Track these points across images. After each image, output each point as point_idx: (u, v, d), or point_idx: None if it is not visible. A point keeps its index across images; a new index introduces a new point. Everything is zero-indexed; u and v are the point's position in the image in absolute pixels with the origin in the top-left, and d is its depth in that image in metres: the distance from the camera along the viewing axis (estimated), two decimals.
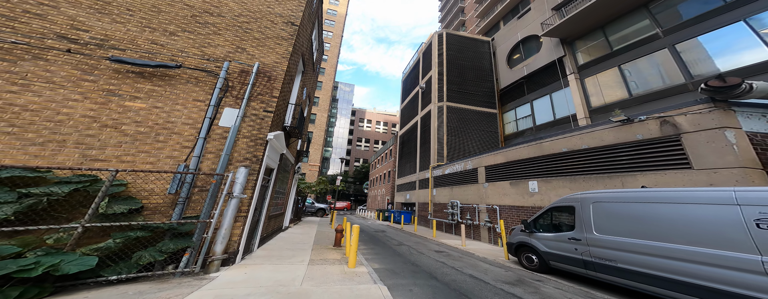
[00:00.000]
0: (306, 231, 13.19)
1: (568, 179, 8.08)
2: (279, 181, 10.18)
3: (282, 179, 10.74)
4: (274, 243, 8.82)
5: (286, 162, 10.72)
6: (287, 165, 11.43)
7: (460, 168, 15.77)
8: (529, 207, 9.54)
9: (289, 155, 10.85)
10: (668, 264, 3.86)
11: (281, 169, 10.03)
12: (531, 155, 9.80)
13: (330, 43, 46.90)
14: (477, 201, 13.09)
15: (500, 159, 11.67)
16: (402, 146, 30.15)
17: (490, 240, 11.57)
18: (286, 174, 11.72)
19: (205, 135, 5.51)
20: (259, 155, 6.36)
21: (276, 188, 9.50)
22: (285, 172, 11.36)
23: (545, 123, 16.21)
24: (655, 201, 4.21)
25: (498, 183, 11.58)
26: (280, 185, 10.45)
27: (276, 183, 9.04)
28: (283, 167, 10.54)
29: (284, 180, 11.34)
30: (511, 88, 20.65)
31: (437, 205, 18.16)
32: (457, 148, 20.00)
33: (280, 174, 9.96)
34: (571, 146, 8.16)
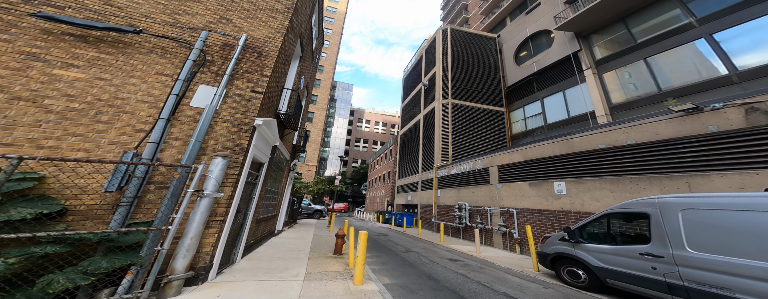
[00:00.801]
0: (301, 235, 11.84)
1: (608, 180, 6.84)
2: (271, 179, 8.84)
3: (274, 177, 9.41)
4: (264, 250, 7.47)
5: (279, 157, 9.40)
6: (281, 162, 10.10)
7: (468, 168, 14.52)
8: (554, 211, 8.30)
9: (283, 149, 9.52)
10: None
11: (273, 166, 8.70)
12: (556, 153, 8.57)
13: (329, 40, 45.61)
14: (489, 204, 11.83)
15: (517, 157, 10.43)
16: (403, 146, 28.89)
17: (506, 246, 10.31)
18: (280, 172, 10.39)
19: (169, 115, 4.18)
20: (244, 144, 5.04)
21: (267, 186, 8.17)
22: (278, 169, 10.03)
23: (558, 121, 15.04)
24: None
25: (514, 183, 10.33)
26: (272, 183, 9.11)
27: (267, 181, 7.70)
28: (276, 163, 9.21)
29: (277, 179, 10.00)
30: (518, 86, 19.50)
31: (442, 207, 16.89)
32: (462, 147, 18.78)
33: (272, 172, 8.62)
34: (611, 142, 6.93)
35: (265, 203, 8.46)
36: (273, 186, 9.44)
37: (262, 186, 7.02)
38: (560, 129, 14.63)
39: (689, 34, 10.24)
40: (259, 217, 7.48)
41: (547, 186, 8.71)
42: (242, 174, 5.05)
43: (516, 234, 9.58)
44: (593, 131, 7.45)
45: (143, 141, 3.88)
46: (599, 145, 7.11)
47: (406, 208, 25.11)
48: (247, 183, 5.92)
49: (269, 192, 9.04)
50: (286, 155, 10.46)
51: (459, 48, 22.69)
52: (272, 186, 9.25)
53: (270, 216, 9.29)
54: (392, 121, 65.24)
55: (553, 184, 8.42)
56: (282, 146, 9.17)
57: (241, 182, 5.07)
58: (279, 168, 10.12)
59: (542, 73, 17.00)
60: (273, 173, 9.15)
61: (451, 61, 21.96)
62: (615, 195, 6.45)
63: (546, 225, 8.49)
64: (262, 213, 8.19)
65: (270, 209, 9.55)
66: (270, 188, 8.92)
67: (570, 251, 4.99)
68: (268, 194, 8.89)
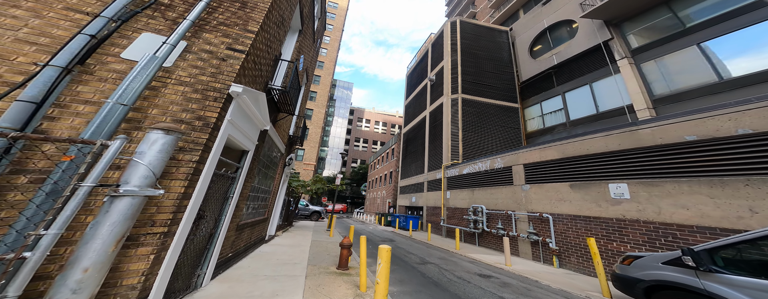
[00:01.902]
0: (298, 241, 10.13)
1: (705, 182, 5.14)
2: (260, 175, 7.15)
3: (265, 173, 7.71)
4: (248, 265, 5.76)
5: (271, 147, 7.70)
6: (273, 154, 8.40)
7: (484, 167, 12.88)
8: (610, 219, 6.64)
9: (277, 139, 7.83)
10: None
11: (263, 158, 7.01)
12: (612, 148, 6.92)
13: (330, 36, 43.99)
14: (512, 208, 10.18)
15: (551, 154, 8.79)
16: (406, 145, 27.26)
17: (537, 256, 8.65)
18: (273, 167, 8.69)
19: (69, 63, 2.48)
20: (210, 118, 3.35)
21: (253, 183, 6.46)
22: (271, 164, 8.33)
23: (584, 117, 13.44)
24: None
25: (547, 185, 8.69)
26: (261, 180, 7.41)
27: (253, 176, 6.00)
28: (268, 156, 7.52)
29: (269, 175, 8.30)
30: (534, 81, 17.92)
31: (452, 210, 15.24)
32: (474, 145, 17.16)
33: (261, 166, 6.93)
34: (708, 132, 5.27)
35: (251, 204, 6.75)
36: (263, 184, 7.74)
37: (245, 182, 5.32)
38: (587, 125, 13.03)
39: (760, 13, 8.65)
40: (241, 222, 5.76)
41: (597, 188, 7.06)
42: (208, 162, 3.36)
43: (552, 244, 7.91)
44: (673, 120, 5.80)
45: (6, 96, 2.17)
46: (686, 137, 5.45)
47: (410, 210, 23.44)
48: (220, 177, 4.23)
49: (259, 191, 7.35)
50: (280, 147, 8.77)
51: (469, 41, 21.14)
52: (262, 183, 7.55)
53: (259, 221, 7.58)
54: (393, 120, 63.60)
55: (607, 187, 6.77)
56: (275, 134, 7.48)
57: (206, 174, 3.38)
58: (272, 162, 8.42)
59: (563, 65, 15.42)
60: (263, 168, 7.46)
61: (461, 54, 20.40)
62: (719, 202, 4.80)
63: (598, 235, 6.83)
64: (247, 216, 6.48)
65: (259, 211, 7.84)
66: (259, 186, 7.22)
67: (690, 282, 3.34)
68: (257, 193, 7.19)
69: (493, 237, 11.25)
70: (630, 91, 11.07)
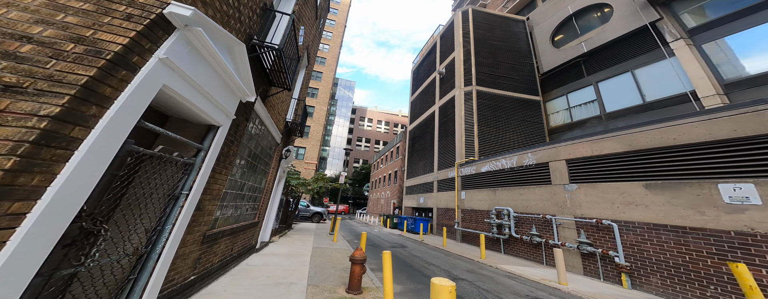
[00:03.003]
0: (296, 249, 8.40)
1: None
2: (247, 168, 5.43)
3: (254, 166, 5.98)
4: (225, 288, 4.04)
5: (262, 133, 5.97)
6: (265, 143, 6.68)
7: (509, 163, 11.16)
8: (725, 231, 4.85)
9: (269, 123, 6.10)
10: None
11: (251, 145, 5.29)
12: (723, 135, 5.14)
13: (332, 32, 42.37)
14: (551, 211, 8.45)
15: (610, 147, 7.04)
16: (412, 142, 25.54)
17: (591, 271, 6.90)
18: (265, 159, 6.97)
19: None
20: (111, 45, 1.64)
21: (234, 176, 4.73)
22: (264, 156, 6.61)
23: (625, 108, 11.66)
24: None
25: (606, 185, 6.94)
26: (248, 175, 5.69)
27: (229, 165, 4.26)
28: (256, 142, 5.79)
29: (258, 169, 6.57)
30: (558, 71, 16.18)
31: (469, 212, 13.51)
32: (492, 140, 15.45)
33: (247, 154, 5.20)
34: None
35: (232, 204, 5.03)
36: (251, 179, 6.02)
37: (213, 173, 3.60)
38: (630, 117, 11.29)
39: None
40: (211, 231, 4.03)
41: (696, 189, 5.28)
42: (101, 127, 1.65)
43: (620, 259, 6.15)
44: None
45: None
46: None
47: (417, 212, 21.71)
48: (159, 163, 2.52)
49: (245, 188, 5.63)
50: (274, 135, 7.05)
51: (482, 31, 19.45)
52: (249, 177, 5.82)
53: (245, 226, 5.85)
54: (396, 120, 61.85)
55: (716, 188, 5.00)
56: (267, 117, 5.77)
57: (99, 149, 1.66)
58: (264, 152, 6.70)
59: (595, 53, 13.69)
60: (252, 159, 5.75)
61: (474, 44, 18.70)
62: None
63: (702, 253, 5.06)
64: (225, 221, 4.75)
65: (246, 214, 6.11)
66: (244, 180, 5.49)
67: None
68: (241, 190, 5.46)
69: (523, 244, 9.51)
70: (691, 75, 9.31)
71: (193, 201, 3.01)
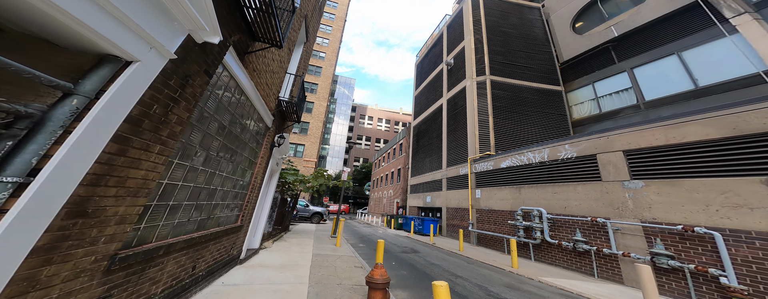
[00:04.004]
0: (292, 258, 6.70)
1: None
2: (225, 156, 3.73)
3: (230, 149, 4.27)
4: None
5: (243, 108, 4.23)
6: (248, 120, 4.96)
7: (537, 157, 9.55)
8: None
9: (254, 94, 4.37)
10: None
11: (220, 115, 3.57)
12: None
13: (332, 26, 40.66)
14: (604, 214, 6.83)
15: (699, 132, 5.41)
16: (417, 138, 23.91)
17: (673, 292, 5.28)
18: (252, 147, 5.27)
19: None
20: None
21: (197, 161, 3.02)
22: (250, 140, 4.91)
23: (671, 95, 10.05)
24: None
25: (692, 181, 5.32)
26: (222, 164, 3.97)
27: (174, 135, 2.56)
28: (236, 120, 4.07)
29: (239, 158, 4.87)
30: (582, 59, 14.59)
31: (486, 213, 11.90)
32: (509, 133, 13.85)
33: (213, 129, 3.50)
34: None
35: (193, 204, 3.33)
36: (227, 169, 4.31)
37: (119, 147, 1.91)
38: (678, 106, 9.70)
39: None
40: (126, 253, 2.33)
41: None
42: None
43: (730, 280, 4.49)
44: None
45: None
46: None
47: (424, 211, 20.08)
48: None
49: (228, 183, 3.94)
50: (262, 114, 5.35)
51: (494, 18, 17.86)
52: (224, 167, 4.11)
53: (218, 233, 4.15)
54: (396, 117, 60.13)
55: None
56: (248, 81, 4.06)
57: None
58: (250, 137, 5.01)
59: (629, 37, 12.09)
60: (226, 140, 4.07)
61: (486, 32, 17.10)
62: None
63: None
64: (178, 230, 3.06)
65: (222, 217, 4.41)
66: (215, 170, 3.79)
67: None
68: (217, 186, 3.77)
69: (562, 251, 7.89)
70: (763, 53, 7.72)
71: (49, 198, 1.33)
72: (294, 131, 33.77)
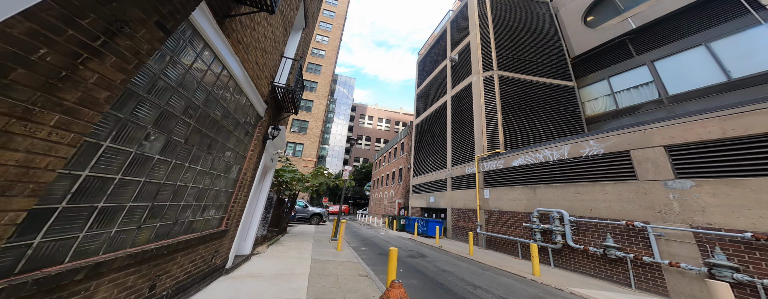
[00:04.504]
0: (288, 265, 5.79)
1: None
2: (197, 142, 2.82)
3: (211, 142, 3.37)
4: None
5: (221, 84, 3.30)
6: (229, 100, 4.04)
7: (556, 154, 8.69)
8: None
9: (233, 62, 3.45)
10: None
11: (200, 101, 2.66)
12: None
13: (332, 23, 39.81)
14: (643, 217, 5.96)
15: None
16: (420, 137, 23.04)
17: None
18: (239, 137, 4.36)
19: None
20: None
21: (145, 148, 2.12)
22: (236, 128, 4.01)
23: (699, 89, 9.21)
24: None
25: (757, 180, 4.48)
26: (193, 156, 3.06)
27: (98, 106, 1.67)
28: (211, 97, 3.15)
29: (221, 149, 3.95)
30: (594, 54, 13.78)
31: (497, 214, 11.04)
32: (519, 130, 13.01)
33: (180, 107, 2.59)
34: None
35: (145, 207, 2.43)
36: (205, 163, 3.40)
37: None
38: (707, 100, 8.87)
39: None
40: None
41: None
42: None
43: None
44: None
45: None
46: None
47: (427, 212, 19.19)
48: None
49: (204, 179, 3.05)
50: (249, 94, 4.44)
51: (501, 12, 17.04)
52: (194, 159, 3.21)
53: (189, 242, 3.24)
54: (397, 117, 59.25)
55: None
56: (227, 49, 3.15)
57: None
58: (235, 124, 4.10)
59: (648, 28, 11.26)
60: (206, 127, 3.17)
61: (493, 26, 16.28)
62: None
63: None
64: (116, 244, 2.15)
65: (197, 220, 3.49)
66: (181, 162, 2.88)
67: None
68: (184, 183, 2.87)
69: (588, 257, 7.02)
70: None
71: None
72: (293, 130, 32.81)
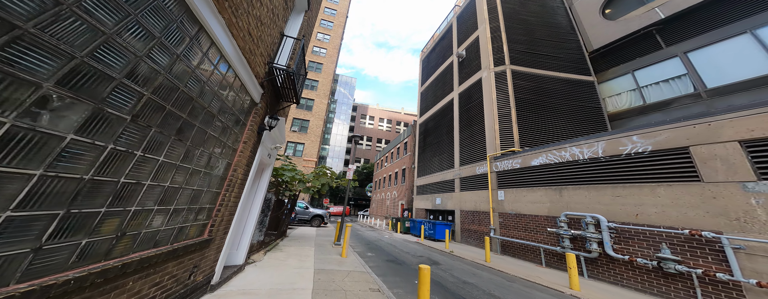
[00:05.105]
0: (287, 278, 4.73)
1: None
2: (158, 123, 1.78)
3: (183, 127, 2.33)
4: None
5: (200, 49, 2.29)
6: (209, 74, 3.00)
7: (588, 152, 7.70)
8: None
9: (229, 44, 2.43)
10: None
11: (165, 67, 1.65)
12: None
13: (333, 21, 38.84)
14: (712, 226, 4.95)
15: None
16: (424, 136, 22.03)
17: None
18: (228, 125, 3.34)
19: None
20: None
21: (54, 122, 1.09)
22: (220, 112, 2.98)
23: (745, 81, 8.20)
24: None
25: None
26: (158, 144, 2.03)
27: None
28: (181, 64, 2.15)
29: (200, 139, 2.90)
30: (615, 47, 12.82)
31: (513, 218, 10.05)
32: (534, 128, 12.03)
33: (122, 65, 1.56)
34: None
35: (38, 216, 1.39)
36: (181, 157, 2.36)
37: None
38: (754, 93, 7.89)
39: None
40: None
41: None
42: None
43: None
44: None
45: None
46: None
47: (432, 214, 18.15)
48: None
49: (171, 175, 2.02)
50: (245, 81, 3.42)
51: (512, 5, 16.10)
52: (168, 150, 2.17)
53: (148, 262, 2.22)
54: (398, 117, 58.23)
55: None
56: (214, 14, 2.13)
57: None
58: (230, 114, 3.05)
59: (680, 17, 10.28)
60: (186, 108, 2.08)
61: (504, 19, 15.33)
62: None
63: None
64: None
65: (163, 229, 2.45)
66: (146, 153, 1.85)
67: None
68: (139, 180, 1.84)
69: (632, 269, 6.00)
70: None
71: None
72: (293, 129, 31.76)
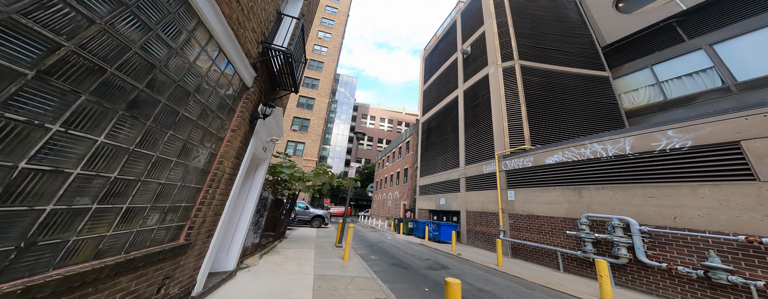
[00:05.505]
0: (284, 285, 4.08)
1: None
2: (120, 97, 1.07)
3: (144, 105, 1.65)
4: None
5: None
6: (193, 48, 2.31)
7: (613, 148, 7.03)
8: None
9: (213, 16, 1.76)
10: None
11: None
12: None
13: (334, 20, 38.21)
14: (764, 231, 4.29)
15: None
16: (427, 135, 21.36)
17: None
18: (214, 109, 2.67)
19: None
20: None
21: None
22: (213, 99, 2.31)
23: None
24: None
25: None
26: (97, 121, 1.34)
27: None
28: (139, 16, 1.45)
29: (180, 122, 2.21)
30: (631, 41, 12.16)
31: (525, 219, 9.38)
32: (546, 125, 11.37)
33: None
34: None
35: None
36: (143, 142, 1.68)
37: None
38: None
39: None
40: None
41: None
42: None
43: None
44: None
45: None
46: None
47: (436, 215, 17.45)
48: None
49: (116, 154, 1.35)
50: (233, 59, 2.74)
51: None
52: (123, 134, 1.49)
53: (75, 279, 1.55)
54: (399, 117, 57.55)
55: None
56: None
57: None
58: (214, 95, 2.36)
59: (703, 8, 9.62)
60: (151, 80, 1.34)
61: (511, 14, 14.69)
62: None
63: None
64: None
65: (114, 236, 1.78)
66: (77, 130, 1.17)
67: None
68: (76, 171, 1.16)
69: (670, 277, 5.32)
70: None
71: None
72: (293, 128, 31.07)
